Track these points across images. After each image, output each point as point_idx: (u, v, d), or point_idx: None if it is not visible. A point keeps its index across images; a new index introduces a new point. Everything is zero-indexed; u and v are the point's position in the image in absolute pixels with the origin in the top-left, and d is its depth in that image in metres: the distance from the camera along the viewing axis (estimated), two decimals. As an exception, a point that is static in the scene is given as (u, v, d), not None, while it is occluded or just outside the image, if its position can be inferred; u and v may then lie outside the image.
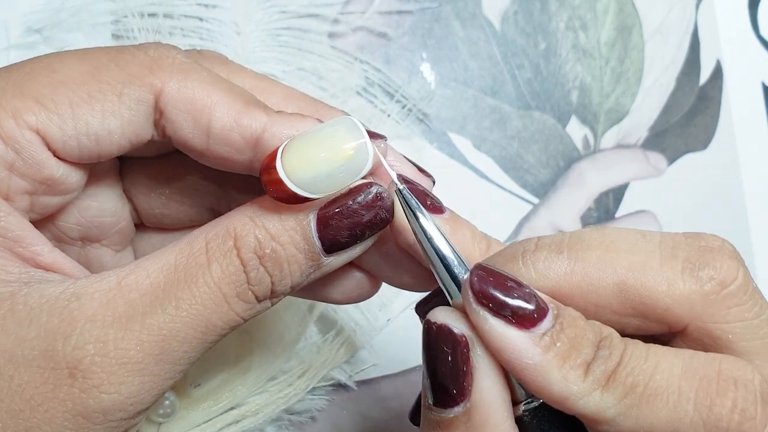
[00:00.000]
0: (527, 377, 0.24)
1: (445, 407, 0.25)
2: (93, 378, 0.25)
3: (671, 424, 0.24)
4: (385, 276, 0.33)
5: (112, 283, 0.27)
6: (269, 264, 0.27)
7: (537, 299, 0.25)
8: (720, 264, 0.26)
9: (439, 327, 0.25)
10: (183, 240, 0.28)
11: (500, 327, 0.24)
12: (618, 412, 0.24)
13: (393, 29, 0.48)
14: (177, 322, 0.26)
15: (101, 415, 0.26)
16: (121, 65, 0.27)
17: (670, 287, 0.25)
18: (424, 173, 0.31)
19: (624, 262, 0.26)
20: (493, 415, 0.25)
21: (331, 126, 0.27)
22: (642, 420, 0.24)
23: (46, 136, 0.27)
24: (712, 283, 0.25)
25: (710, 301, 0.25)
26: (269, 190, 0.26)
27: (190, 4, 0.45)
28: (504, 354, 0.24)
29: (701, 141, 0.52)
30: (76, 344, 0.25)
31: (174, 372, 0.27)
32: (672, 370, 0.24)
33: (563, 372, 0.24)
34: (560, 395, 0.24)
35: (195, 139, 0.28)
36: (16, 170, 0.27)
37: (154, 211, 0.35)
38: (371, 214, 0.28)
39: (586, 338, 0.25)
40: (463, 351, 0.25)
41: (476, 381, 0.25)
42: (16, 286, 0.26)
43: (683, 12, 0.53)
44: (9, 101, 0.26)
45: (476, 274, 0.25)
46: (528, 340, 0.24)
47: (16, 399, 0.25)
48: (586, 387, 0.24)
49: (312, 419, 0.44)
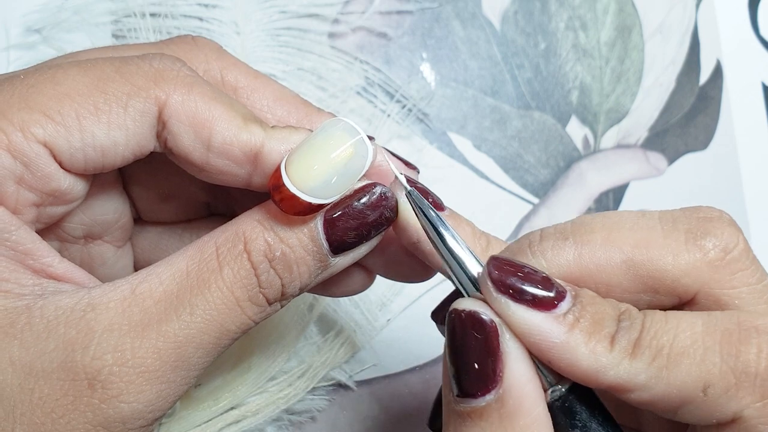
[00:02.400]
0: (556, 357, 0.25)
1: (476, 396, 0.25)
2: (112, 388, 0.26)
3: (702, 378, 0.24)
4: (381, 271, 0.33)
5: (126, 291, 0.27)
6: (279, 267, 0.28)
7: (554, 283, 0.25)
8: (721, 232, 0.27)
9: (468, 314, 0.25)
10: (193, 246, 0.28)
11: (523, 312, 0.25)
12: (649, 376, 0.24)
13: (393, 29, 0.48)
14: (192, 328, 0.27)
15: (121, 424, 0.26)
16: (126, 77, 0.27)
17: (675, 258, 0.26)
18: (409, 166, 0.31)
19: (629, 240, 0.27)
20: (526, 399, 0.25)
21: (325, 130, 0.27)
22: (673, 379, 0.24)
23: (54, 149, 0.27)
24: (715, 250, 0.26)
25: (715, 267, 0.26)
26: (284, 208, 0.27)
27: (190, 4, 0.45)
28: (531, 337, 0.25)
29: (701, 141, 0.52)
30: (94, 355, 0.25)
31: (189, 378, 0.27)
32: (693, 328, 0.25)
33: (590, 346, 0.24)
34: (590, 369, 0.25)
35: (195, 152, 0.28)
36: (24, 183, 0.27)
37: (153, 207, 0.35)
38: (376, 214, 0.28)
39: (607, 313, 0.25)
40: (494, 336, 0.25)
41: (508, 366, 0.25)
42: (31, 299, 0.26)
43: (683, 12, 0.53)
44: (16, 114, 0.26)
45: (493, 264, 0.25)
46: (552, 321, 0.25)
47: (37, 412, 0.25)
48: (615, 357, 0.24)
49: (312, 419, 0.44)
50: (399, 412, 0.45)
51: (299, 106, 0.31)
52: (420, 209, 0.27)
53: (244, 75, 0.31)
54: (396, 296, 0.46)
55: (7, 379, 0.25)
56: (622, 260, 0.26)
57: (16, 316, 0.26)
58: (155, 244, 0.36)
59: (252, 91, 0.31)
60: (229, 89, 0.31)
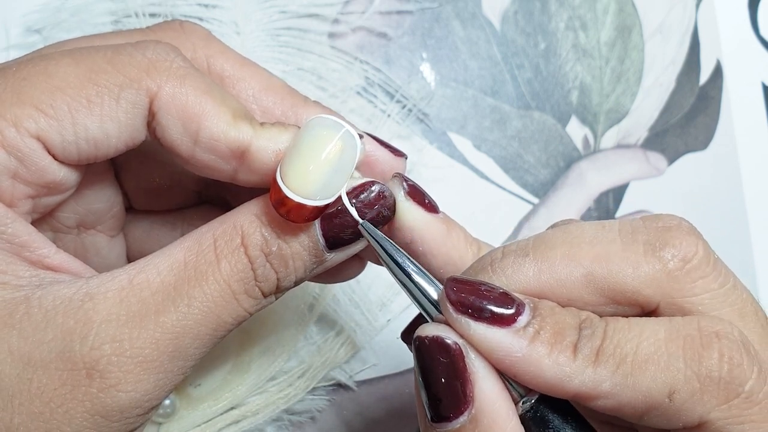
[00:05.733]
0: (520, 370, 0.25)
1: (449, 420, 0.25)
2: (110, 377, 0.26)
3: (667, 384, 0.25)
4: (374, 259, 0.33)
5: (124, 282, 0.27)
6: (275, 261, 0.28)
7: (512, 297, 0.26)
8: (679, 241, 0.27)
9: (431, 340, 0.25)
10: (190, 237, 0.28)
11: (483, 329, 0.25)
12: (614, 383, 0.25)
13: (393, 29, 0.48)
14: (189, 319, 0.27)
15: (119, 413, 0.26)
16: (118, 67, 0.27)
17: (635, 271, 0.26)
18: (397, 153, 0.31)
19: (588, 254, 0.27)
20: (498, 416, 0.25)
21: (309, 131, 0.27)
22: (639, 386, 0.25)
23: (47, 142, 0.27)
24: (674, 260, 0.26)
25: (675, 277, 0.26)
26: (293, 218, 0.27)
27: (190, 4, 0.45)
28: (494, 354, 0.25)
29: (701, 141, 0.52)
30: (93, 345, 0.26)
31: (185, 368, 0.28)
32: (656, 335, 0.25)
33: (553, 357, 0.25)
34: (554, 379, 0.25)
35: (182, 145, 0.28)
36: (19, 177, 0.27)
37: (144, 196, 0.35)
38: (374, 213, 0.28)
39: (568, 323, 0.26)
40: (459, 358, 0.25)
41: (477, 385, 0.25)
42: (29, 290, 0.27)
43: (683, 12, 0.53)
44: (8, 109, 0.26)
45: (450, 286, 0.25)
46: (512, 336, 0.25)
47: (35, 402, 0.26)
48: (578, 366, 0.25)
49: (312, 419, 0.44)
50: (399, 412, 0.46)
51: (285, 97, 0.31)
52: (374, 239, 0.28)
53: (231, 63, 0.31)
54: (396, 296, 0.46)
55: (6, 369, 0.26)
56: (582, 274, 0.26)
57: (14, 306, 0.26)
58: (147, 233, 0.36)
59: (238, 81, 0.31)
60: (215, 78, 0.31)
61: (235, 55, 0.32)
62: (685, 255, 0.27)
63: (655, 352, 0.25)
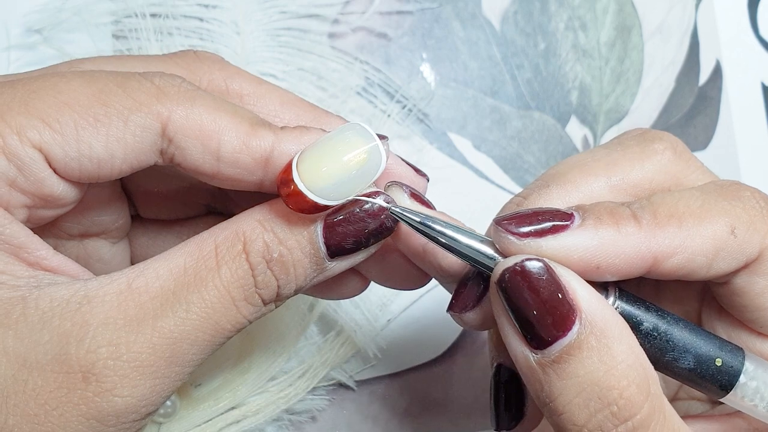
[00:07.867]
0: (600, 260, 0.27)
1: (564, 333, 0.26)
2: (106, 381, 0.26)
3: (727, 222, 0.28)
4: (376, 277, 0.33)
5: (122, 285, 0.27)
6: (276, 268, 0.28)
7: (556, 208, 0.28)
8: (660, 136, 0.31)
9: (521, 266, 0.26)
10: (191, 242, 0.28)
11: (552, 240, 0.26)
12: (684, 236, 0.27)
13: (393, 29, 0.48)
14: (187, 325, 0.27)
15: (114, 417, 0.26)
16: (128, 92, 0.27)
17: (643, 165, 0.30)
18: (420, 173, 0.32)
19: (599, 167, 0.30)
20: (606, 314, 0.26)
21: (341, 133, 0.27)
22: (705, 232, 0.27)
23: (49, 155, 0.27)
24: (667, 150, 0.31)
25: (673, 161, 0.31)
26: (290, 204, 0.27)
27: (191, 4, 0.45)
28: (572, 256, 0.26)
29: (701, 141, 0.52)
30: (89, 348, 0.26)
31: (183, 374, 0.27)
32: (694, 193, 0.29)
33: (622, 232, 0.27)
34: (633, 251, 0.27)
35: (205, 164, 0.28)
36: (17, 186, 0.27)
37: (151, 205, 0.35)
38: (377, 223, 0.28)
39: (614, 205, 0.28)
40: (551, 272, 0.26)
41: (577, 293, 0.26)
42: (26, 290, 0.26)
43: (683, 12, 0.53)
44: (14, 117, 0.26)
45: (501, 222, 0.27)
46: (579, 232, 0.27)
47: (30, 403, 0.25)
48: (647, 232, 0.27)
49: (312, 419, 0.44)
50: (399, 411, 0.46)
51: (307, 110, 0.31)
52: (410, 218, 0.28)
53: (249, 82, 0.31)
54: (396, 297, 0.46)
55: (1, 370, 0.25)
56: (602, 185, 0.30)
57: (11, 306, 0.26)
58: (153, 240, 0.36)
59: (258, 98, 0.31)
60: (234, 97, 0.31)
61: (252, 75, 0.32)
62: (671, 143, 0.31)
63: (704, 203, 0.28)
